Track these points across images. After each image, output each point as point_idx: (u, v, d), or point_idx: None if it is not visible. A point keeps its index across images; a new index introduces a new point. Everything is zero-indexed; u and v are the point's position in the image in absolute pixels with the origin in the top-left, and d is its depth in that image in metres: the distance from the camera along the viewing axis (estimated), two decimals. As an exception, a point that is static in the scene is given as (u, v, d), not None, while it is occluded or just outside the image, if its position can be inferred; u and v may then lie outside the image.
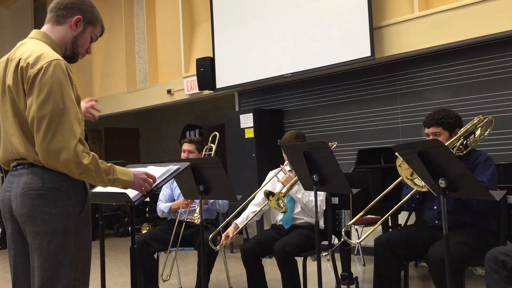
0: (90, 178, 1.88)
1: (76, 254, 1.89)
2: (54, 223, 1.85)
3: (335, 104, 5.76)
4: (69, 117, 1.82)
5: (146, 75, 8.04)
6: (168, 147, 10.16)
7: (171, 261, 4.00)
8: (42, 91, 1.80)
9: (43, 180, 1.86)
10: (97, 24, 2.09)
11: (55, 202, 1.86)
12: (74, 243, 1.88)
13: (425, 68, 5.04)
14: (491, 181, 2.82)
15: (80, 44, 2.05)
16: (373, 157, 4.55)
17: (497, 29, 4.41)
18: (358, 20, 5.19)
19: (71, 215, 1.88)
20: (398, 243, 2.95)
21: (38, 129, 1.80)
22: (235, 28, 6.40)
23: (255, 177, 5.79)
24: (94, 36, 2.10)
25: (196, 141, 4.13)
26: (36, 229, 1.85)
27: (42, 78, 1.80)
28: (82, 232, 1.92)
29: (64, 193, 1.87)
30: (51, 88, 1.80)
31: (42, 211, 1.84)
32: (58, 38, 2.00)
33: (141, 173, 2.06)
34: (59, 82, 1.82)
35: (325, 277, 3.79)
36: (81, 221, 1.91)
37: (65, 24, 2.00)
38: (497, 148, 4.47)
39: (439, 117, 2.95)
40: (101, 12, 2.17)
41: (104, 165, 1.91)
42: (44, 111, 1.79)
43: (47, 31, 2.00)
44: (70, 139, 1.80)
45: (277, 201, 3.19)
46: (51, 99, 1.80)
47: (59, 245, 1.85)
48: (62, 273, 1.86)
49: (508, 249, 2.33)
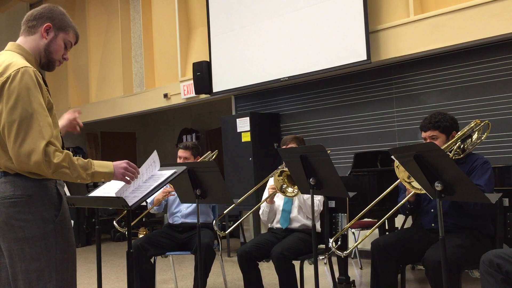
0: (65, 175, 1.92)
1: (59, 256, 1.93)
2: (32, 229, 1.89)
3: (332, 108, 5.78)
4: (38, 120, 1.87)
5: (143, 79, 8.03)
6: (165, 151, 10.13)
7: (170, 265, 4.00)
8: (10, 98, 1.86)
9: (15, 188, 1.90)
10: (69, 30, 2.12)
11: (29, 209, 1.90)
12: (56, 246, 1.92)
13: (421, 72, 5.06)
14: (488, 185, 2.83)
15: (53, 50, 2.09)
16: (369, 161, 4.56)
17: (492, 33, 4.44)
18: (354, 24, 5.20)
19: (48, 220, 1.92)
20: (395, 246, 2.95)
21: (9, 135, 1.87)
22: (232, 32, 6.41)
23: (251, 180, 5.78)
24: (68, 42, 2.14)
25: (192, 146, 4.11)
26: (15, 235, 1.89)
27: (10, 85, 1.87)
28: (62, 235, 1.95)
29: (37, 199, 1.92)
30: (19, 94, 1.87)
31: (18, 219, 1.89)
32: (31, 48, 2.06)
33: (121, 163, 2.10)
34: (27, 88, 1.88)
35: (322, 281, 3.79)
36: (58, 224, 1.95)
37: (36, 34, 2.07)
38: (493, 151, 4.49)
39: (435, 121, 2.96)
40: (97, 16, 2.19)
41: (80, 161, 1.95)
42: (13, 116, 1.85)
43: (21, 43, 2.07)
44: (38, 141, 1.85)
45: (283, 184, 3.27)
46: (19, 105, 1.86)
47: (41, 249, 1.89)
48: (47, 276, 1.90)
49: (503, 252, 2.33)
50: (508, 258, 2.27)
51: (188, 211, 4.04)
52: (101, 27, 8.48)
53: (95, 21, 8.69)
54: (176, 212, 4.09)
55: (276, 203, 3.67)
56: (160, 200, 3.98)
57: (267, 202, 3.59)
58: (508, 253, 2.30)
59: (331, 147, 5.44)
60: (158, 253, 3.85)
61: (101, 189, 2.53)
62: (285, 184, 3.29)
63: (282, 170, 3.27)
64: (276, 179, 3.28)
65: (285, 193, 3.30)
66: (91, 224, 7.74)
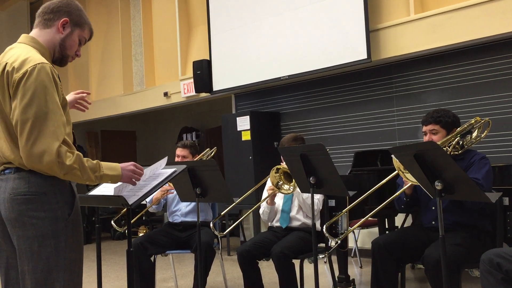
0: (76, 177, 1.88)
1: (68, 256, 1.90)
2: (44, 227, 1.85)
3: (332, 107, 5.77)
4: (52, 120, 1.82)
5: (143, 77, 8.03)
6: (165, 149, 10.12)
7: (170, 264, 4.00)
8: (26, 95, 1.81)
9: (30, 184, 1.86)
10: (84, 27, 2.10)
11: (43, 206, 1.86)
12: (65, 245, 1.89)
13: (422, 71, 5.05)
14: (486, 179, 2.82)
15: (68, 46, 2.06)
16: (369, 160, 4.56)
17: (493, 32, 4.43)
18: (355, 22, 5.20)
19: (60, 218, 1.88)
20: (395, 245, 2.95)
21: (21, 132, 1.82)
22: (232, 30, 6.41)
23: (252, 179, 5.78)
24: (83, 38, 2.11)
25: (190, 145, 4.11)
26: (26, 233, 1.85)
27: (26, 81, 1.82)
28: (72, 234, 1.92)
29: (51, 197, 1.88)
30: (35, 91, 1.82)
31: (30, 216, 1.85)
32: (46, 41, 2.01)
33: (129, 165, 2.07)
34: (43, 86, 1.83)
35: (322, 280, 3.79)
36: (70, 223, 1.91)
37: (52, 27, 2.02)
38: (493, 150, 4.49)
39: (437, 115, 2.98)
40: (97, 14, 2.19)
41: (89, 163, 1.91)
42: (27, 114, 1.80)
43: (35, 35, 2.02)
44: (52, 142, 1.80)
45: (279, 181, 3.27)
46: (34, 103, 1.81)
47: (51, 249, 1.85)
48: (55, 276, 1.86)
49: (503, 251, 2.33)
50: (508, 257, 2.27)
51: (187, 210, 4.04)
52: (101, 25, 8.47)
53: (95, 19, 8.67)
54: (175, 210, 4.09)
55: (276, 203, 3.67)
56: (159, 198, 3.98)
57: (267, 203, 3.58)
58: (508, 252, 2.31)
59: (331, 146, 5.44)
60: (158, 251, 3.85)
61: (101, 188, 2.53)
62: (281, 181, 3.29)
63: (279, 167, 3.27)
64: (273, 176, 3.29)
65: (280, 189, 3.30)
66: (91, 223, 7.75)
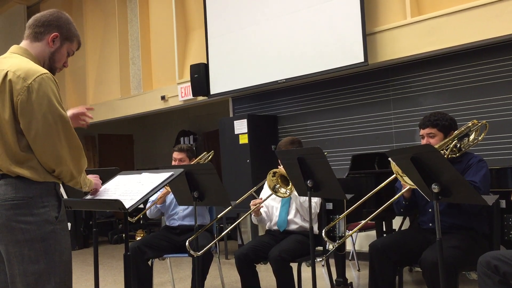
0: (76, 185, 2.05)
1: (57, 259, 1.93)
2: (32, 231, 1.88)
3: (329, 110, 5.78)
4: (70, 124, 1.97)
5: (140, 81, 8.03)
6: (163, 153, 10.13)
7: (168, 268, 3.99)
8: (42, 103, 1.88)
9: (17, 190, 1.90)
10: (73, 40, 2.16)
11: (31, 211, 1.89)
12: (55, 248, 1.92)
13: (418, 74, 5.07)
14: (483, 182, 2.82)
15: (57, 59, 2.12)
16: (367, 163, 4.56)
17: (489, 35, 4.45)
18: (351, 26, 5.21)
19: (48, 222, 1.92)
20: (393, 248, 2.95)
21: (48, 137, 1.90)
22: (229, 34, 6.41)
23: (249, 183, 5.78)
24: (71, 51, 2.17)
25: (186, 149, 4.11)
26: (15, 237, 1.88)
27: (39, 91, 1.88)
28: (61, 237, 1.96)
29: (38, 201, 1.91)
30: (49, 100, 1.89)
31: (18, 220, 1.88)
32: (36, 53, 2.06)
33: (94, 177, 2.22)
34: (54, 94, 1.92)
35: (319, 283, 3.79)
36: (58, 226, 1.95)
37: (42, 41, 2.07)
38: (490, 153, 4.50)
39: (434, 119, 2.99)
40: (94, 18, 2.22)
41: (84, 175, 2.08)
42: (49, 120, 1.89)
43: (27, 47, 2.06)
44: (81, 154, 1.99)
45: (275, 184, 3.28)
46: (50, 109, 1.90)
47: (40, 252, 1.89)
48: (46, 279, 1.89)
49: (501, 253, 2.34)
50: (505, 260, 2.27)
51: (185, 213, 4.03)
52: (99, 29, 8.47)
53: (92, 23, 8.68)
54: (173, 214, 4.08)
55: (274, 206, 3.67)
56: (163, 197, 3.99)
57: (253, 215, 3.58)
58: (505, 254, 2.31)
59: (329, 149, 5.44)
60: (155, 255, 3.84)
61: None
62: (278, 184, 3.30)
63: (275, 171, 3.27)
64: (270, 179, 3.29)
65: (277, 193, 3.31)
66: (88, 227, 7.72)
